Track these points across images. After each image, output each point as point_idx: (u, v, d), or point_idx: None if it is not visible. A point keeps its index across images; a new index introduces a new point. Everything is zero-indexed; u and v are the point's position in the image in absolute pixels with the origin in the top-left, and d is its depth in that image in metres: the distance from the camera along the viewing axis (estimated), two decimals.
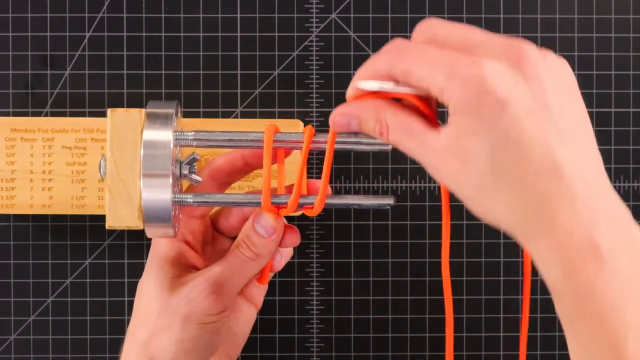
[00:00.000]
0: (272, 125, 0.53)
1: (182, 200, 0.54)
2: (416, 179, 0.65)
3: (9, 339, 0.65)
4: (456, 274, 0.65)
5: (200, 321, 0.53)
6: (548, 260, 0.42)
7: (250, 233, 0.54)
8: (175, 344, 0.53)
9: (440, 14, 0.65)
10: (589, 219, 0.41)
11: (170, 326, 0.53)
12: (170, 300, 0.53)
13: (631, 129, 0.66)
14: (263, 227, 0.53)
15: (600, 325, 0.41)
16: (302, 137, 0.53)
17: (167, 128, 0.53)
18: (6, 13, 0.65)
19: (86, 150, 0.62)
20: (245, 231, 0.54)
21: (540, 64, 0.43)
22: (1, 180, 0.62)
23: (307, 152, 0.52)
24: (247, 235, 0.54)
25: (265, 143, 0.53)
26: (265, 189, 0.52)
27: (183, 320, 0.53)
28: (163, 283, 0.54)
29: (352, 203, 0.54)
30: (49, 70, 0.65)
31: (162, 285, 0.54)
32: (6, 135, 0.62)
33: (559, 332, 0.66)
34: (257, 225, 0.53)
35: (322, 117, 0.65)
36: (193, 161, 0.55)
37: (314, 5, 0.65)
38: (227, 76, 0.65)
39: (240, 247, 0.54)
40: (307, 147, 0.52)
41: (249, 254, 0.54)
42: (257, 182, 0.63)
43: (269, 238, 0.54)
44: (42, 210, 0.62)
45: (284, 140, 0.53)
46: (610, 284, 0.41)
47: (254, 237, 0.54)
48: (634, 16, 0.66)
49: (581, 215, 0.41)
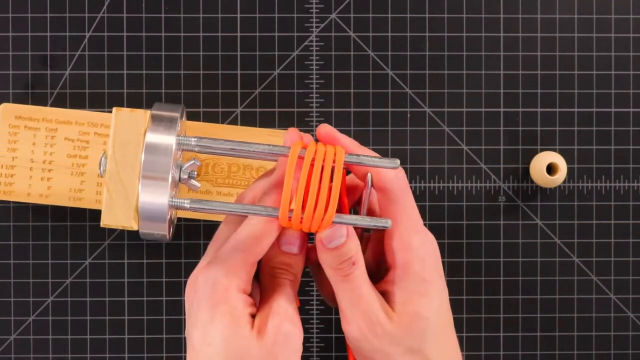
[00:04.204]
0: (299, 142, 0.52)
1: (179, 205, 0.53)
2: (416, 179, 0.65)
3: (9, 339, 0.65)
4: (456, 274, 0.65)
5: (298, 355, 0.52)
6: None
7: (281, 257, 0.53)
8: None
9: (440, 14, 0.65)
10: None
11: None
12: (261, 346, 0.50)
13: (631, 129, 0.66)
14: (292, 244, 0.53)
15: None
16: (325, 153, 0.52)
17: (171, 132, 0.53)
18: (6, 13, 0.65)
19: (88, 144, 0.62)
20: (276, 258, 0.53)
21: None
22: (1, 166, 0.62)
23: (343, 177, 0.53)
24: (279, 261, 0.53)
25: (289, 160, 0.51)
26: (284, 204, 0.51)
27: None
28: (245, 336, 0.50)
29: (349, 223, 0.53)
30: (49, 70, 0.65)
31: (246, 339, 0.50)
32: (10, 122, 0.62)
33: (559, 332, 0.66)
34: (286, 246, 0.53)
35: (322, 117, 0.65)
36: (193, 166, 0.55)
37: (314, 5, 0.65)
38: (227, 76, 0.65)
39: (281, 275, 0.53)
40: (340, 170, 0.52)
41: (291, 277, 0.53)
42: None
43: (300, 254, 0.53)
44: (39, 199, 0.62)
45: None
46: None
47: (285, 258, 0.53)
48: (634, 16, 0.66)
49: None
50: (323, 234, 0.51)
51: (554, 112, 0.65)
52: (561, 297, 0.66)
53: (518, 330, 0.66)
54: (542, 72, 0.65)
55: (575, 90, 0.65)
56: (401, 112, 0.65)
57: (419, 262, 0.53)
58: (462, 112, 0.65)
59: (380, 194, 0.53)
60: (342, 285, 0.52)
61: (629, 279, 0.66)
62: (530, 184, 0.66)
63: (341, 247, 0.51)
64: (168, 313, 0.65)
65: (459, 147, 0.65)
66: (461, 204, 0.65)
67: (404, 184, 0.53)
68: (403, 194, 0.53)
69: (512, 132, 0.65)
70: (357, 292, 0.52)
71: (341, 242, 0.51)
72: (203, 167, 0.62)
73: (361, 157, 0.52)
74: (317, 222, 0.51)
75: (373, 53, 0.65)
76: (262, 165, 0.62)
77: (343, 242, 0.51)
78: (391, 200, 0.53)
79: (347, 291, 0.52)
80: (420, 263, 0.53)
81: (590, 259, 0.66)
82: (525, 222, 0.66)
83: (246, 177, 0.62)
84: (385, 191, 0.53)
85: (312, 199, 0.51)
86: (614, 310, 0.66)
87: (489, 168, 0.66)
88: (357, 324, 0.52)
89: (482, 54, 0.65)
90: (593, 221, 0.66)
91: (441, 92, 0.65)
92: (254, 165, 0.62)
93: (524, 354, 0.66)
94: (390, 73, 0.65)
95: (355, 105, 0.65)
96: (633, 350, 0.66)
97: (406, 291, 0.53)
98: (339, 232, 0.51)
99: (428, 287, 0.53)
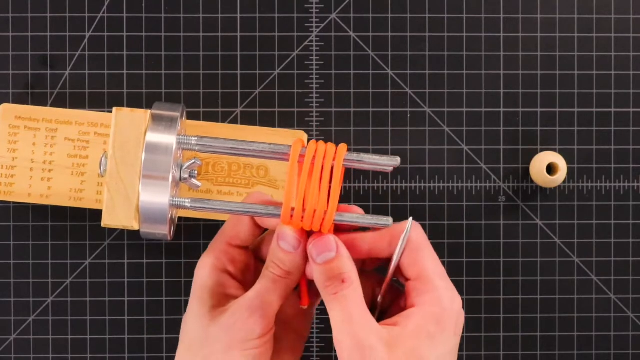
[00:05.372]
0: (300, 140, 0.52)
1: (180, 204, 0.53)
2: (416, 179, 0.65)
3: (9, 339, 0.65)
4: (456, 274, 0.65)
5: (242, 347, 0.53)
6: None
7: (276, 250, 0.53)
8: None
9: (440, 14, 0.65)
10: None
11: (214, 354, 0.53)
12: (210, 329, 0.53)
13: (631, 129, 0.66)
14: (287, 242, 0.53)
15: None
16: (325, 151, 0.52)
17: (171, 131, 0.53)
18: (6, 13, 0.65)
19: (89, 144, 0.62)
20: (273, 253, 0.54)
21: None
22: (1, 167, 0.62)
23: (342, 172, 0.53)
24: (273, 254, 0.53)
25: (291, 157, 0.52)
26: (286, 202, 0.51)
27: (226, 348, 0.52)
28: (203, 313, 0.54)
29: (350, 221, 0.53)
30: (49, 70, 0.65)
31: (203, 316, 0.54)
32: (10, 123, 0.62)
33: (559, 332, 0.66)
34: (282, 242, 0.53)
35: (322, 117, 0.65)
36: (194, 166, 0.55)
37: (314, 5, 0.65)
38: (227, 76, 0.65)
39: (269, 268, 0.54)
40: (339, 166, 0.52)
41: (278, 272, 0.53)
42: (257, 189, 0.62)
43: (295, 252, 0.53)
44: (40, 200, 0.62)
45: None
46: None
47: (280, 253, 0.53)
48: (634, 16, 0.66)
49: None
50: (313, 244, 0.52)
51: (554, 112, 0.65)
52: (561, 297, 0.66)
53: (518, 330, 0.66)
54: (542, 72, 0.65)
55: (575, 90, 0.65)
56: (401, 112, 0.65)
57: (438, 304, 0.52)
58: (462, 112, 0.65)
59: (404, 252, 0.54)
60: (332, 304, 0.52)
61: (629, 279, 0.66)
62: (530, 184, 0.66)
63: (330, 262, 0.52)
64: (168, 313, 0.65)
65: (459, 147, 0.65)
66: (461, 204, 0.65)
67: (422, 236, 0.54)
68: (423, 244, 0.53)
69: (512, 132, 0.65)
70: (346, 312, 0.51)
71: (330, 257, 0.52)
72: (204, 166, 0.62)
73: (361, 155, 0.52)
74: (319, 220, 0.51)
75: (373, 53, 0.65)
76: (262, 164, 0.62)
77: (332, 258, 0.52)
78: (412, 250, 0.53)
79: (336, 311, 0.51)
80: (439, 306, 0.52)
81: (590, 259, 0.66)
82: (525, 222, 0.66)
83: (247, 176, 0.62)
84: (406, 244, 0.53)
85: (314, 197, 0.51)
86: (614, 310, 0.66)
87: (489, 168, 0.66)
88: (345, 344, 0.51)
89: (482, 54, 0.65)
90: (593, 221, 0.66)
91: (441, 92, 0.65)
92: (254, 164, 0.62)
93: (524, 354, 0.66)
94: (390, 73, 0.65)
95: (355, 105, 0.65)
96: (633, 350, 0.66)
97: (414, 326, 0.51)
98: (328, 245, 0.52)
99: (439, 332, 0.52)
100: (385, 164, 0.52)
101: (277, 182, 0.63)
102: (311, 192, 0.51)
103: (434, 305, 0.52)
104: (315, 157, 0.52)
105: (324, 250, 0.52)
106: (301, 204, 0.52)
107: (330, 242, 0.52)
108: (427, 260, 0.53)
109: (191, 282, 0.64)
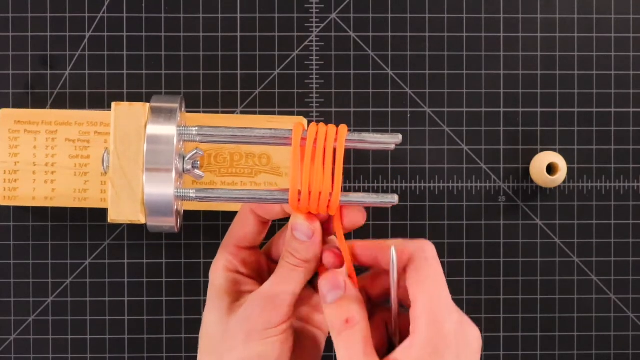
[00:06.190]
0: (300, 123, 0.52)
1: (185, 195, 0.54)
2: (416, 179, 0.65)
3: (9, 339, 0.65)
4: (456, 274, 0.65)
5: (261, 337, 0.53)
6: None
7: (291, 241, 0.54)
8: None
9: (440, 14, 0.65)
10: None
11: (235, 347, 0.53)
12: (230, 322, 0.54)
13: (631, 129, 0.66)
14: (300, 231, 0.53)
15: None
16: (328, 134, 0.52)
17: (171, 123, 0.53)
18: (6, 13, 0.65)
19: (89, 144, 0.62)
20: (288, 243, 0.54)
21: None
22: (4, 172, 0.62)
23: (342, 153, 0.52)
24: (289, 244, 0.54)
25: (293, 141, 0.52)
26: (293, 186, 0.52)
27: (245, 339, 0.53)
28: (222, 309, 0.55)
29: (356, 201, 0.53)
30: (49, 70, 0.65)
31: (221, 311, 0.55)
32: (10, 127, 0.62)
33: (559, 332, 0.66)
34: (296, 232, 0.53)
35: (322, 117, 0.65)
36: (196, 156, 0.55)
37: (314, 5, 0.65)
38: (227, 76, 0.65)
39: (285, 258, 0.54)
40: (341, 147, 0.52)
41: (293, 261, 0.54)
42: (260, 178, 0.63)
43: (310, 240, 0.54)
44: (44, 202, 0.62)
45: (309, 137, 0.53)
46: None
47: (295, 243, 0.54)
48: (634, 16, 0.66)
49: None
50: (324, 278, 0.53)
51: (554, 112, 0.65)
52: (561, 297, 0.66)
53: (518, 330, 0.66)
54: (542, 72, 0.65)
55: (575, 90, 0.65)
56: (401, 112, 0.65)
57: (434, 329, 0.51)
58: (462, 112, 0.65)
59: (407, 271, 0.53)
60: (337, 343, 0.52)
61: (629, 279, 0.66)
62: (530, 184, 0.66)
63: (337, 302, 0.52)
64: (168, 313, 0.65)
65: (459, 147, 0.65)
66: (461, 204, 0.65)
67: (430, 254, 0.52)
68: (427, 263, 0.52)
69: (512, 132, 0.65)
70: (351, 351, 0.51)
71: (338, 296, 0.52)
72: (206, 158, 0.62)
73: (363, 134, 0.52)
74: (325, 201, 0.52)
75: (373, 53, 0.65)
76: (264, 152, 0.62)
77: (340, 296, 0.52)
78: (414, 269, 0.52)
79: (342, 348, 0.52)
80: (434, 331, 0.51)
81: (590, 259, 0.66)
82: (525, 222, 0.66)
83: (249, 165, 0.62)
84: (408, 263, 0.52)
85: (319, 179, 0.51)
86: (614, 310, 0.66)
87: (489, 168, 0.66)
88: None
89: (482, 54, 0.65)
90: (593, 221, 0.66)
91: (441, 92, 0.65)
92: (256, 153, 0.62)
93: (524, 354, 0.66)
94: (390, 73, 0.65)
95: (355, 105, 0.65)
96: (633, 350, 0.66)
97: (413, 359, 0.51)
98: (338, 283, 0.53)
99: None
100: (387, 141, 0.52)
101: (280, 169, 0.63)
102: (315, 174, 0.51)
103: (428, 332, 0.51)
104: (317, 139, 0.52)
105: (333, 288, 0.53)
106: (307, 187, 0.52)
107: (339, 281, 0.53)
108: (419, 285, 0.52)
109: (191, 282, 0.64)
